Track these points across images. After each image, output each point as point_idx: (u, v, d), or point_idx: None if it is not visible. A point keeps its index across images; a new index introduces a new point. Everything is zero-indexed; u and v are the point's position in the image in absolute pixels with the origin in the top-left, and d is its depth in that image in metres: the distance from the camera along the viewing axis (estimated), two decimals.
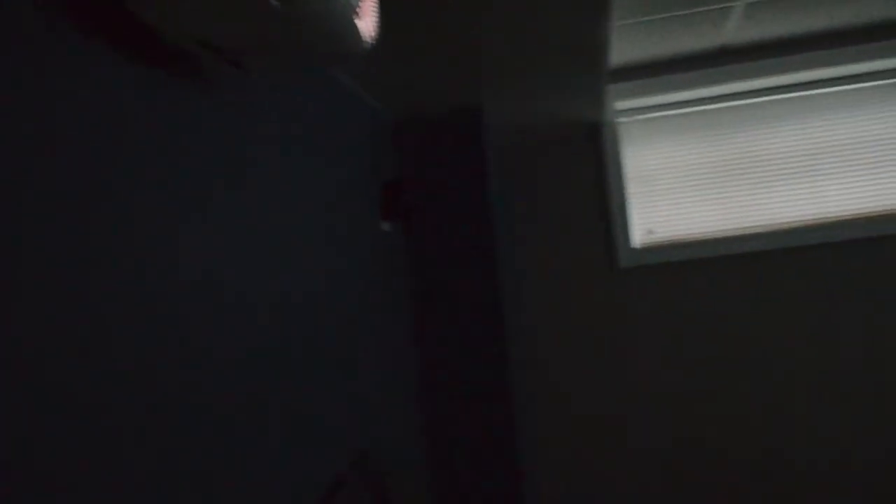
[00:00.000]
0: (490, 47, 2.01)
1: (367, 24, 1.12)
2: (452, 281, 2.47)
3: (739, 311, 3.01)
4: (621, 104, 3.10)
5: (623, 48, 2.82)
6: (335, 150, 1.91)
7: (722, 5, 2.50)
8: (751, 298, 3.01)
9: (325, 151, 1.83)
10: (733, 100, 3.12)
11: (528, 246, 3.16)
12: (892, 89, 3.07)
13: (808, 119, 3.10)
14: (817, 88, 3.09)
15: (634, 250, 3.06)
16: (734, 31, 2.76)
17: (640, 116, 3.16)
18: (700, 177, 3.13)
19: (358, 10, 1.06)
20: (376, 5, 1.15)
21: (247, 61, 1.08)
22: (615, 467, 3.06)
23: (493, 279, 2.44)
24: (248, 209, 1.34)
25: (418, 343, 2.49)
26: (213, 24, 0.97)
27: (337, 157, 1.92)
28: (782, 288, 2.99)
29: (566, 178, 3.14)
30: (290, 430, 1.41)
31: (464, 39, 1.92)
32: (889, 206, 3.03)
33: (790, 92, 3.10)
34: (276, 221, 1.46)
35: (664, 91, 3.03)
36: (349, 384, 1.78)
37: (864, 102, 3.08)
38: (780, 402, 2.98)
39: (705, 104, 3.13)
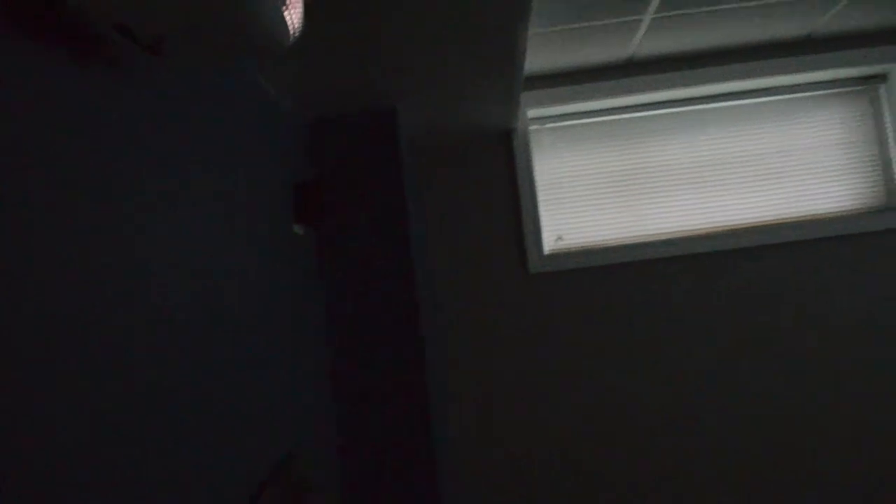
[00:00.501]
0: (405, 50, 1.99)
1: (294, 16, 1.09)
2: (367, 282, 2.44)
3: (641, 315, 3.12)
4: (533, 112, 3.16)
5: (536, 56, 2.87)
6: (247, 148, 1.85)
7: (631, 18, 2.58)
8: (651, 303, 3.12)
9: (237, 150, 1.77)
10: (639, 111, 3.24)
11: (443, 248, 3.16)
12: (783, 105, 3.26)
13: (704, 131, 3.25)
14: (715, 102, 3.25)
15: (544, 256, 3.12)
16: (641, 43, 2.86)
17: (552, 124, 3.23)
18: (606, 185, 3.22)
19: (286, 1, 1.03)
20: None
21: (166, 49, 1.02)
22: (527, 468, 3.10)
23: (409, 281, 2.42)
24: (152, 206, 1.27)
25: (331, 346, 2.44)
26: (133, 6, 0.92)
27: (249, 157, 1.86)
28: (679, 293, 3.12)
29: (480, 183, 3.17)
30: (204, 437, 1.35)
31: (379, 41, 1.90)
32: (773, 217, 3.21)
33: (691, 105, 3.24)
34: (180, 221, 1.39)
35: (574, 100, 3.11)
36: (261, 389, 1.73)
37: (758, 117, 3.26)
38: (679, 404, 3.10)
39: (612, 114, 3.23)
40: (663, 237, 3.18)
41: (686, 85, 3.12)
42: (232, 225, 1.66)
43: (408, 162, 2.71)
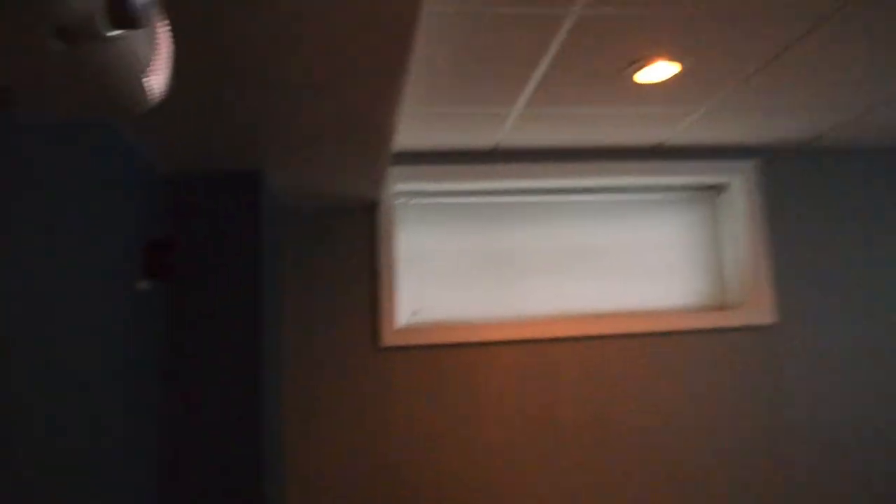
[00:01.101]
0: (272, 117, 1.98)
1: (157, 82, 1.05)
2: (212, 346, 2.33)
3: (485, 394, 3.16)
4: (401, 186, 3.20)
5: (408, 134, 2.93)
6: (100, 202, 1.74)
7: (500, 110, 2.70)
8: (496, 383, 3.17)
9: (90, 204, 1.66)
10: (503, 196, 3.36)
11: (298, 315, 3.09)
12: (635, 204, 3.49)
13: (562, 221, 3.41)
14: (573, 195, 3.43)
15: (398, 330, 3.11)
16: (509, 133, 2.99)
17: (418, 200, 3.28)
18: (466, 264, 3.29)
19: (149, 67, 0.99)
20: (168, 64, 1.08)
21: (17, 100, 0.95)
22: None
23: (254, 348, 2.34)
24: None
25: (166, 411, 2.29)
26: None
27: (102, 211, 1.75)
28: (524, 375, 3.20)
29: (342, 251, 3.15)
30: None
31: (247, 106, 1.88)
32: (618, 308, 3.39)
33: (551, 195, 3.40)
34: (24, 276, 1.28)
35: (442, 179, 3.18)
36: (92, 454, 1.58)
37: (611, 213, 3.47)
38: (516, 484, 3.13)
39: (478, 196, 3.33)
40: (517, 320, 3.27)
41: (548, 176, 3.28)
42: (84, 278, 1.54)
43: (270, 225, 2.66)
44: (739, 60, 2.40)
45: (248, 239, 2.40)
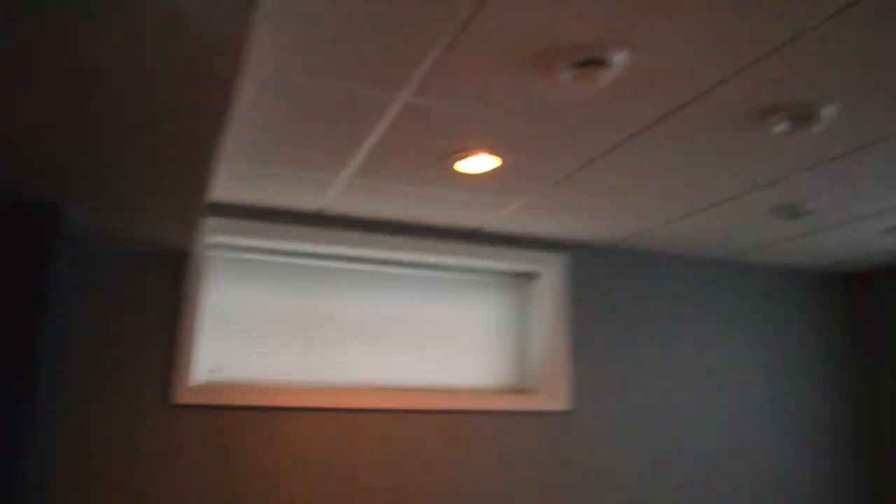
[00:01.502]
0: (80, 152, 1.86)
1: None
2: None
3: (280, 461, 3.05)
4: (217, 238, 3.10)
5: (231, 187, 2.86)
6: None
7: (327, 177, 2.71)
8: (303, 453, 3.08)
9: None
10: (323, 260, 3.34)
11: (88, 363, 2.85)
12: (452, 282, 3.59)
13: (380, 292, 3.43)
14: (394, 267, 3.47)
15: (194, 387, 2.96)
16: (334, 199, 3.00)
17: (233, 254, 3.18)
18: (278, 326, 3.21)
19: None
20: None
21: None
22: None
23: (20, 405, 2.12)
24: None
25: None
26: None
27: None
28: (321, 443, 3.13)
29: (144, 300, 2.97)
30: None
31: (47, 141, 1.76)
32: (427, 383, 3.44)
33: (371, 265, 3.43)
34: None
35: (262, 236, 3.12)
36: None
37: (428, 288, 3.54)
38: None
39: (296, 258, 3.29)
40: (323, 387, 3.22)
41: (368, 246, 3.31)
42: None
43: (71, 266, 2.46)
44: (554, 163, 2.57)
45: (35, 279, 2.21)
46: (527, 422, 3.51)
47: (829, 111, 2.12)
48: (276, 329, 3.21)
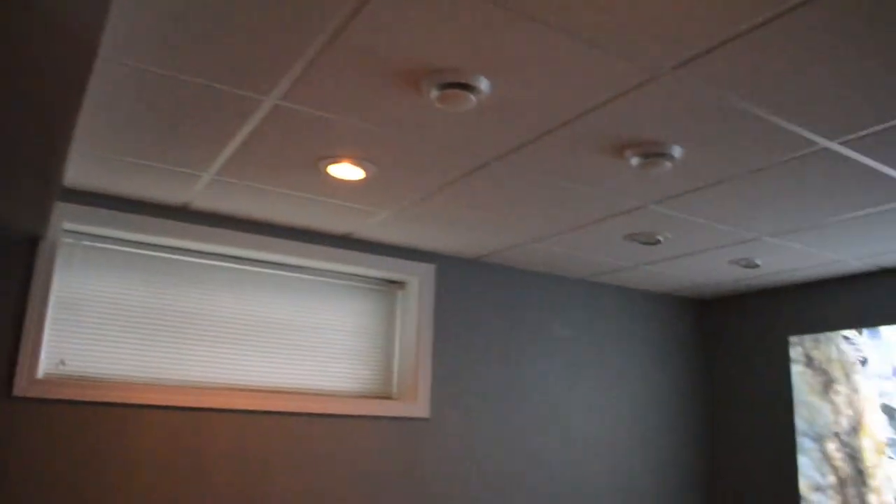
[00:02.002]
0: None
1: None
2: None
3: (137, 461, 2.96)
4: (72, 225, 2.97)
5: (90, 174, 2.75)
6: None
7: (193, 171, 2.66)
8: (152, 450, 2.99)
9: None
10: (186, 255, 3.26)
11: None
12: (322, 286, 3.60)
13: (248, 291, 3.39)
14: (262, 267, 3.44)
15: (39, 380, 2.81)
16: (201, 194, 2.94)
17: (90, 243, 3.06)
18: (135, 319, 3.11)
19: None
20: None
21: None
22: None
23: None
24: None
25: None
26: None
27: None
28: (184, 446, 3.06)
29: None
30: None
31: None
32: (292, 385, 3.42)
33: (238, 264, 3.38)
34: None
35: (121, 226, 3.02)
36: None
37: (298, 291, 3.53)
38: None
39: (158, 251, 3.20)
40: (176, 385, 3.14)
41: (235, 245, 3.26)
42: None
43: None
44: (422, 178, 2.65)
45: None
46: (385, 428, 3.56)
47: (677, 151, 2.30)
48: (133, 323, 3.11)
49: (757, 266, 3.84)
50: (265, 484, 3.22)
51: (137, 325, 3.12)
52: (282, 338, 3.46)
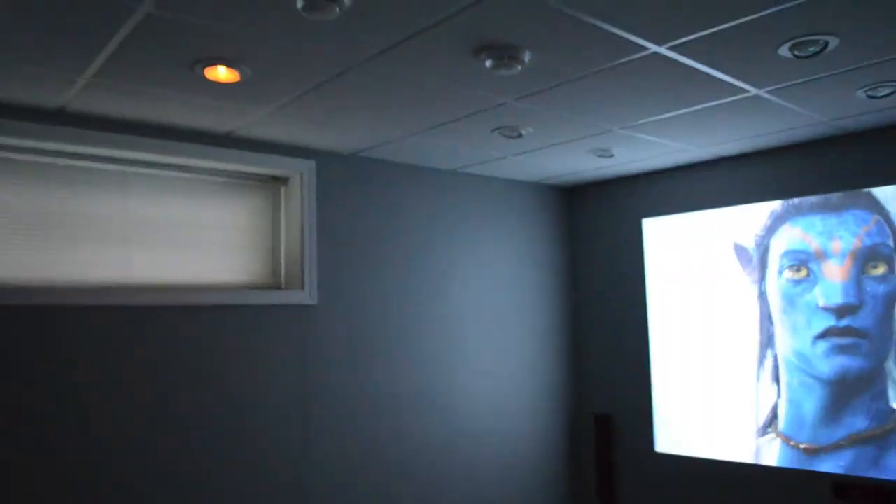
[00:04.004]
0: None
1: None
2: None
3: (35, 362, 3.08)
4: None
5: None
6: None
7: (68, 75, 2.70)
8: (51, 351, 3.12)
9: None
10: (67, 158, 3.29)
11: None
12: (204, 183, 3.72)
13: (131, 192, 3.48)
14: (143, 168, 3.52)
15: None
16: (77, 97, 2.97)
17: None
18: (21, 224, 3.16)
19: None
20: None
21: None
22: None
23: None
24: None
25: None
26: None
27: None
28: (82, 345, 3.20)
29: None
30: None
31: None
32: (182, 281, 3.60)
33: (120, 165, 3.44)
34: None
35: (3, 131, 3.02)
36: None
37: (182, 189, 3.64)
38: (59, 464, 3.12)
39: (38, 156, 3.22)
40: (69, 286, 3.25)
41: (117, 147, 3.32)
42: None
43: None
44: (296, 78, 2.80)
45: None
46: (276, 315, 3.82)
47: (526, 55, 2.56)
48: (23, 228, 3.16)
49: (612, 156, 4.24)
50: (163, 375, 3.43)
51: (27, 229, 3.18)
52: (171, 236, 3.59)
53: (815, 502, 4.01)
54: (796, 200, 4.09)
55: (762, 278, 4.24)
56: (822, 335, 3.98)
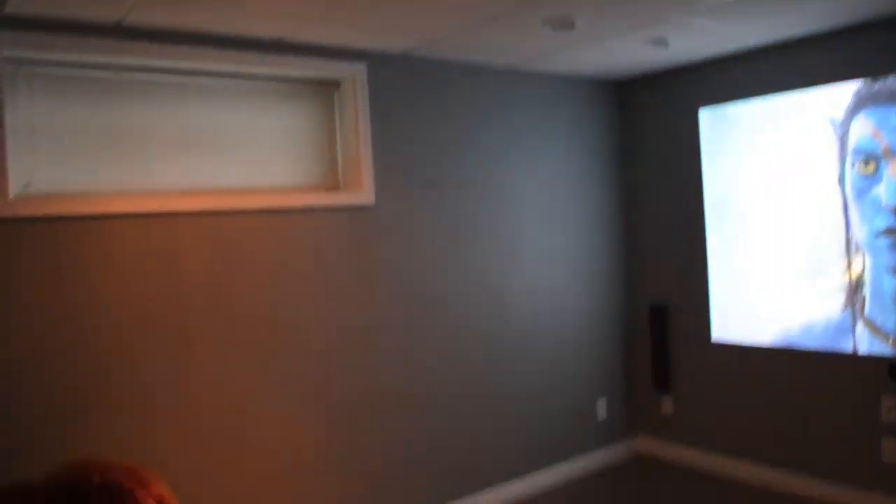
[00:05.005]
0: None
1: None
2: None
3: (117, 269, 3.28)
4: (14, 52, 3.04)
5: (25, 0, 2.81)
6: None
7: None
8: (128, 258, 3.30)
9: None
10: (128, 72, 3.37)
11: None
12: (261, 90, 3.78)
13: (190, 102, 3.57)
14: (201, 77, 3.59)
15: (11, 202, 3.02)
16: (133, 10, 3.03)
17: (30, 69, 3.14)
18: (87, 139, 3.29)
19: None
20: None
21: None
22: None
23: None
24: None
25: None
26: None
27: None
28: (156, 250, 3.37)
29: None
30: None
31: None
32: (246, 186, 3.72)
33: (179, 76, 3.52)
34: None
35: (61, 50, 3.10)
36: None
37: (240, 97, 3.71)
38: (148, 359, 3.36)
39: (101, 71, 3.30)
40: (141, 194, 3.39)
41: (175, 58, 3.38)
42: None
43: None
44: None
45: None
46: (334, 217, 3.94)
47: None
48: (87, 142, 3.30)
49: (667, 45, 4.11)
50: (233, 277, 3.61)
51: (92, 143, 3.31)
52: (232, 144, 3.69)
53: (873, 386, 4.08)
54: (876, 87, 3.92)
55: (841, 164, 4.13)
56: (884, 233, 3.93)
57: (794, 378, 4.44)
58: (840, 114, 4.08)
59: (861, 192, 4.02)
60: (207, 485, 3.51)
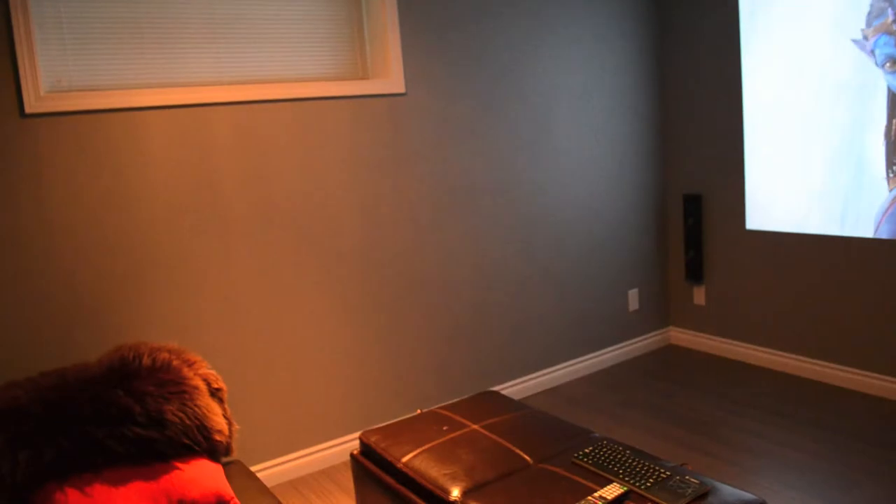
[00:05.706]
0: None
1: None
2: None
3: (152, 161, 3.32)
4: None
5: None
6: None
7: None
8: (162, 150, 3.33)
9: None
10: None
11: None
12: None
13: None
14: None
15: (44, 97, 3.05)
16: None
17: None
18: (114, 31, 3.26)
19: None
20: None
21: None
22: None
23: None
24: None
25: None
26: None
27: None
28: (189, 142, 3.39)
29: None
30: None
31: None
32: (272, 75, 3.69)
33: None
34: None
35: None
36: None
37: None
38: (184, 251, 3.45)
39: None
40: (171, 86, 3.39)
41: None
42: None
43: None
44: None
45: None
46: (366, 105, 3.90)
47: None
48: (114, 34, 3.27)
49: None
50: (266, 167, 3.64)
51: (119, 35, 3.28)
52: (260, 33, 3.63)
53: None
54: None
55: (882, 64, 3.96)
56: None
57: (830, 266, 4.40)
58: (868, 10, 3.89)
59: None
60: (246, 365, 3.67)
